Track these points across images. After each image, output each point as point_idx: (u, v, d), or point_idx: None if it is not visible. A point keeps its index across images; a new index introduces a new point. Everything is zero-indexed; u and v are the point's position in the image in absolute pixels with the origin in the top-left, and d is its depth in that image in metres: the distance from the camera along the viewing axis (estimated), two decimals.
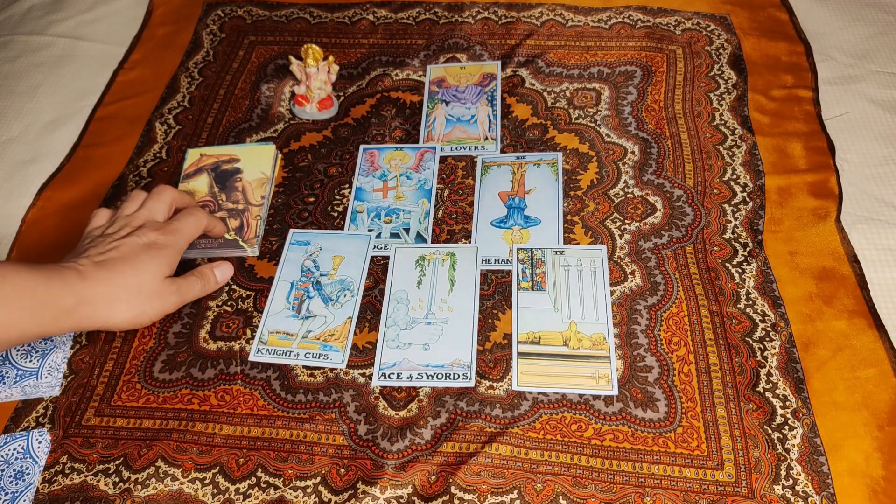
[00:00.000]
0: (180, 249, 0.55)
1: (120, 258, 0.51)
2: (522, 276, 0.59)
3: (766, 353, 0.54)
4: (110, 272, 0.50)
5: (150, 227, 0.54)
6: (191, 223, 0.56)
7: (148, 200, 0.57)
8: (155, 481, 0.50)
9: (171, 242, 0.54)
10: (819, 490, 0.47)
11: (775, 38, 0.76)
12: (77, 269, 0.49)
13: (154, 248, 0.53)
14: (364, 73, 0.76)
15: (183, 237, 0.55)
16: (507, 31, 0.78)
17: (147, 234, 0.53)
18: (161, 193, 0.57)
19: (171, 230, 0.54)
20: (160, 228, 0.54)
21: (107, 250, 0.52)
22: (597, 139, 0.68)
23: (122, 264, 0.51)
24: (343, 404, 0.53)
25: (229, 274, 0.59)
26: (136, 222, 0.55)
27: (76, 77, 0.79)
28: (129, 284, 0.51)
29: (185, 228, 0.56)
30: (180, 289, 0.54)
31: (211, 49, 0.80)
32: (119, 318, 0.51)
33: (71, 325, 0.49)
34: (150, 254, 0.52)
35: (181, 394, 0.54)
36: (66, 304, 0.48)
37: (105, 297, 0.50)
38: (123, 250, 0.52)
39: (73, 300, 0.48)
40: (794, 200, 0.63)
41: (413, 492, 0.48)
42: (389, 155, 0.69)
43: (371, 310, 0.58)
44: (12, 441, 0.52)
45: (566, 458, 0.49)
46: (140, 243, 0.52)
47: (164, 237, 0.54)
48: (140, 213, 0.56)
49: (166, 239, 0.54)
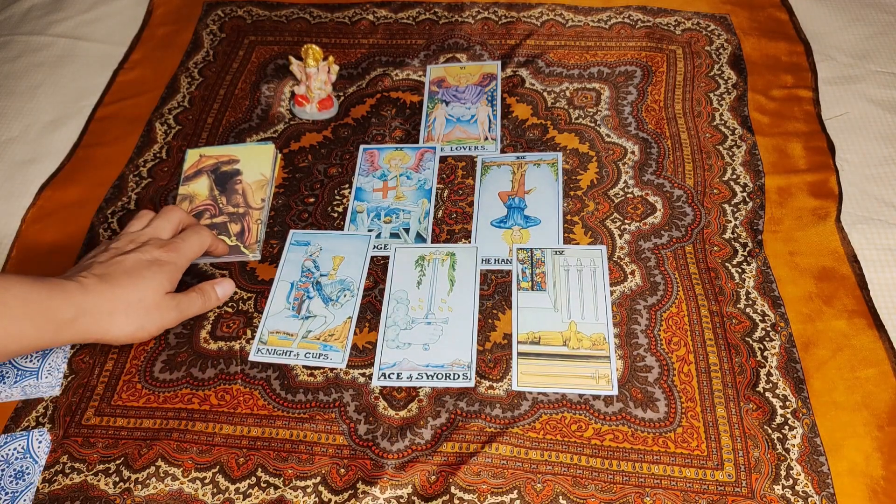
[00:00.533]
0: (182, 267, 0.56)
1: (122, 272, 0.52)
2: (522, 276, 0.59)
3: (766, 353, 0.54)
4: (112, 286, 0.51)
5: (154, 245, 0.55)
6: (194, 242, 0.57)
7: (155, 219, 0.58)
8: (155, 481, 0.50)
9: (173, 259, 0.55)
10: (819, 490, 0.47)
11: (775, 38, 0.76)
12: (79, 282, 0.50)
13: (156, 265, 0.53)
14: (364, 73, 0.76)
15: (185, 255, 0.56)
16: (507, 31, 0.78)
17: (151, 250, 0.54)
18: (169, 213, 0.58)
19: (174, 248, 0.55)
20: (164, 245, 0.55)
21: (110, 264, 0.52)
22: (597, 139, 0.68)
23: (124, 279, 0.52)
24: (343, 404, 0.53)
25: (230, 291, 0.59)
26: (141, 239, 0.56)
27: (76, 77, 0.79)
28: (130, 299, 0.51)
29: (189, 247, 0.56)
30: (180, 304, 0.55)
31: (211, 49, 0.80)
32: (118, 331, 0.51)
33: (71, 337, 0.49)
34: (152, 270, 0.53)
35: (181, 394, 0.54)
36: (67, 315, 0.48)
37: (105, 310, 0.50)
38: (126, 265, 0.52)
39: (73, 312, 0.49)
40: (794, 200, 0.63)
41: (413, 492, 0.48)
42: (389, 155, 0.69)
43: (371, 310, 0.58)
44: (12, 441, 0.52)
45: (566, 458, 0.49)
46: (143, 259, 0.53)
47: (167, 254, 0.54)
48: (146, 230, 0.57)
49: (169, 256, 0.54)
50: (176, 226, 0.58)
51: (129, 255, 0.53)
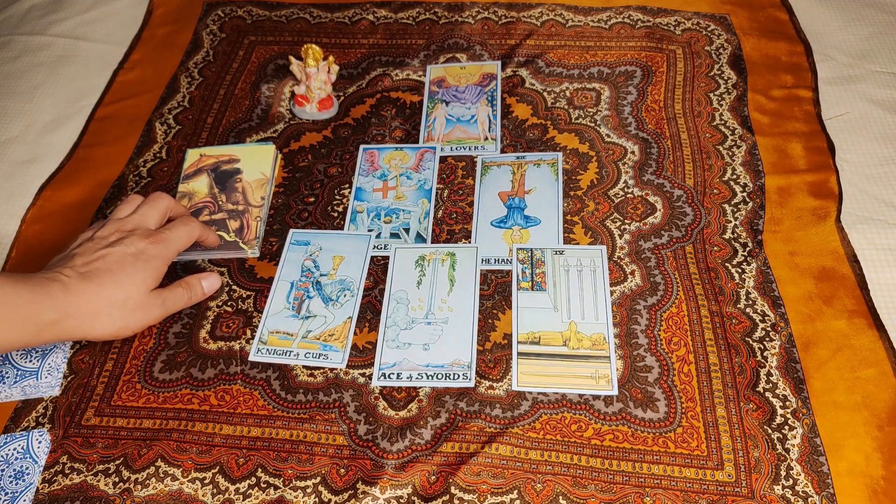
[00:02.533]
0: (168, 259, 0.54)
1: (106, 269, 0.50)
2: (522, 276, 0.59)
3: (765, 353, 0.54)
4: (95, 285, 0.50)
5: (139, 235, 0.53)
6: (182, 233, 0.55)
7: (142, 206, 0.56)
8: (155, 481, 0.50)
9: (158, 253, 0.53)
10: (819, 490, 0.47)
11: (775, 38, 0.76)
12: (62, 282, 0.49)
13: (141, 259, 0.52)
14: (364, 73, 0.76)
15: (172, 247, 0.54)
16: (507, 31, 0.78)
17: (136, 242, 0.52)
18: (156, 200, 0.57)
19: (160, 239, 0.54)
20: (150, 237, 0.53)
21: (93, 259, 0.51)
22: (597, 139, 0.68)
23: (107, 276, 0.50)
24: (343, 404, 0.53)
25: (217, 285, 0.58)
26: (126, 227, 0.54)
27: (76, 77, 0.79)
28: (114, 299, 0.50)
29: (176, 238, 0.55)
30: (165, 301, 0.54)
31: (211, 49, 0.80)
32: (101, 330, 0.50)
33: (53, 337, 0.49)
34: (136, 265, 0.51)
35: (181, 394, 0.54)
36: (49, 318, 0.47)
37: (89, 311, 0.49)
38: (110, 260, 0.51)
39: (55, 315, 0.48)
40: (794, 200, 0.63)
41: (413, 492, 0.48)
42: (389, 155, 0.69)
43: (371, 310, 0.58)
44: (12, 441, 0.52)
45: (566, 458, 0.49)
46: (128, 253, 0.52)
47: (152, 246, 0.53)
48: (132, 218, 0.55)
49: (154, 249, 0.53)
50: (163, 214, 0.57)
51: (113, 249, 0.51)
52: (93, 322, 0.50)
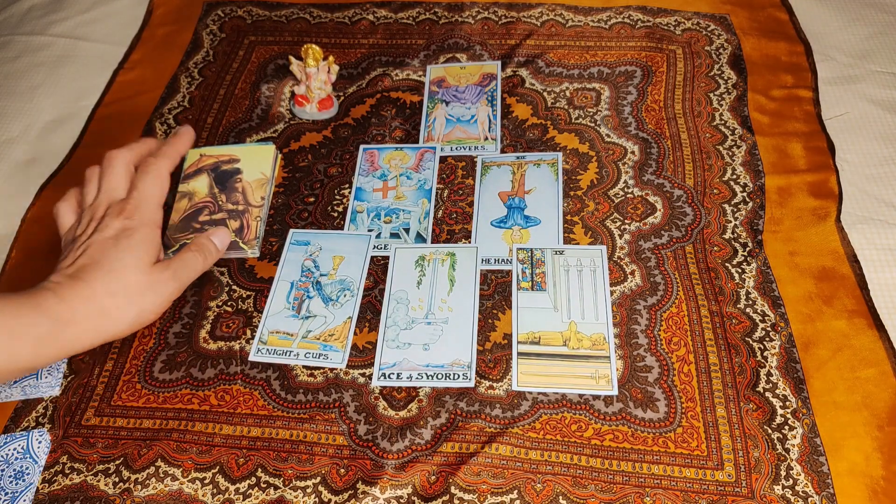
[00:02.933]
0: (152, 221, 0.49)
1: (91, 263, 0.46)
2: (522, 276, 0.59)
3: (765, 353, 0.54)
4: (87, 283, 0.45)
5: (111, 215, 0.48)
6: (149, 185, 0.49)
7: (103, 179, 0.50)
8: (155, 481, 0.50)
9: (138, 221, 0.47)
10: (819, 490, 0.47)
11: (775, 38, 0.76)
12: (51, 289, 0.44)
13: (124, 237, 0.47)
14: (364, 73, 0.76)
15: (149, 208, 0.49)
16: (507, 31, 0.78)
17: (110, 223, 0.47)
18: (112, 164, 0.50)
19: (133, 207, 0.48)
20: (122, 210, 0.48)
21: (76, 258, 0.47)
22: (597, 139, 0.68)
23: (96, 270, 0.45)
24: (343, 404, 0.53)
25: (227, 239, 0.54)
26: (99, 212, 0.49)
27: (76, 77, 0.79)
28: (113, 289, 0.45)
29: (147, 196, 0.49)
30: (176, 272, 0.49)
31: (211, 49, 0.80)
32: (116, 326, 0.46)
33: (59, 351, 0.44)
34: (120, 247, 0.46)
35: (181, 394, 0.54)
36: (43, 330, 0.43)
37: (92, 311, 0.45)
38: (92, 252, 0.46)
39: (49, 325, 0.43)
40: (793, 200, 0.63)
41: (413, 492, 0.48)
42: (389, 155, 0.69)
43: (371, 310, 0.58)
44: (12, 441, 0.52)
45: (566, 458, 0.49)
46: (107, 237, 0.47)
47: (129, 220, 0.47)
48: (100, 198, 0.50)
49: (131, 221, 0.47)
50: (125, 173, 0.50)
51: (91, 239, 0.47)
52: (104, 321, 0.45)
